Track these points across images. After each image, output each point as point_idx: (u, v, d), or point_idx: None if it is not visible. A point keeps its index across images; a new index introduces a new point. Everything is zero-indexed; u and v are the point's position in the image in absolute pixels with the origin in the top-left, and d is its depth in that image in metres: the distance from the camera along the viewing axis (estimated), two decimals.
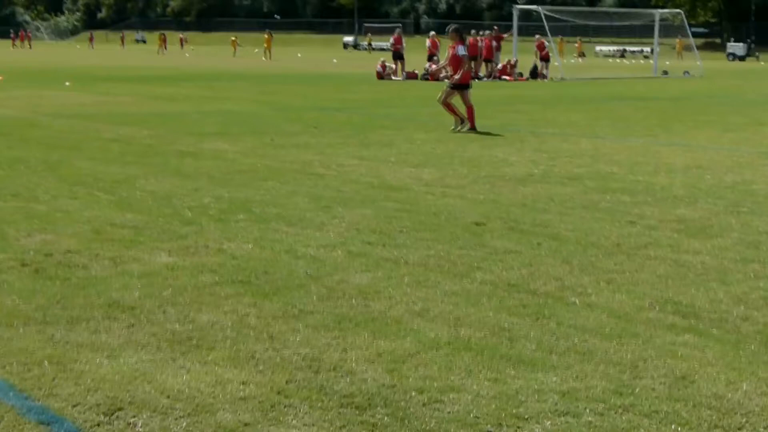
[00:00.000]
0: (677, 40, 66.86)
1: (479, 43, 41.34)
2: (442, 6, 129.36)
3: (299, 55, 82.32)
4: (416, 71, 40.51)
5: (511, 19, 46.45)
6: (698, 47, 59.17)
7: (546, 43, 42.70)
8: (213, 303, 6.43)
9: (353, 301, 6.52)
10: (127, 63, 47.90)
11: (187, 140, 15.97)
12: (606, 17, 72.41)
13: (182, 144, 15.43)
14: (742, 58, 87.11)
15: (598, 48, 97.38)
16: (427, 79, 39.52)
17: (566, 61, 59.27)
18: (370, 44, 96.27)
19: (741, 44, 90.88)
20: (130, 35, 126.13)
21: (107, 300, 6.45)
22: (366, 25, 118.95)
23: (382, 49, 79.25)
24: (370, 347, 5.56)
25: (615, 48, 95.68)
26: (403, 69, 41.47)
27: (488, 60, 41.68)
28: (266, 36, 72.96)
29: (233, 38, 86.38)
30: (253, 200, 10.35)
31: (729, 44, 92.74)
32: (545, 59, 43.17)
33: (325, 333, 5.81)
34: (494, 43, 41.76)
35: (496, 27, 45.62)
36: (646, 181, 12.22)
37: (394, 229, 8.89)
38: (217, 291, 6.73)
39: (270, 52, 69.84)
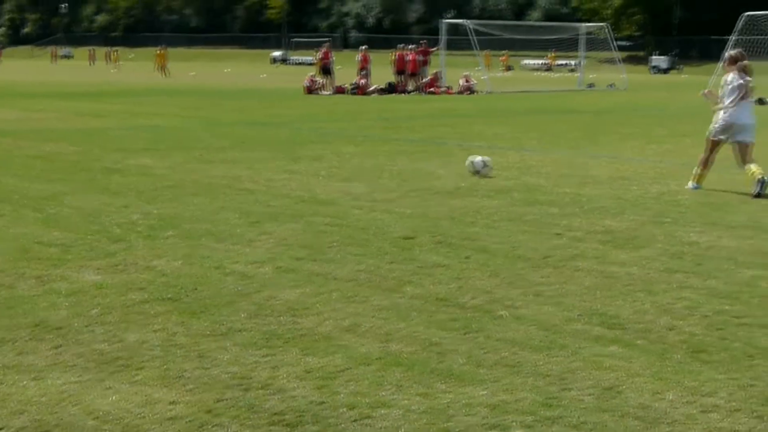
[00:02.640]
0: (503, 54, 67.15)
1: (406, 57, 41.63)
2: (371, 20, 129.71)
3: (227, 70, 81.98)
4: (345, 85, 40.53)
5: (439, 33, 46.75)
6: (622, 60, 60.09)
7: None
8: (141, 321, 6.37)
9: (282, 318, 6.51)
10: (52, 79, 47.28)
11: (113, 156, 15.81)
12: (532, 31, 73.30)
13: (109, 160, 15.27)
14: (665, 71, 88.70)
15: (524, 61, 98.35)
16: (355, 94, 39.63)
17: (493, 74, 59.71)
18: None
19: (665, 57, 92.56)
20: (56, 51, 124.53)
21: (34, 320, 6.36)
22: (294, 39, 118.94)
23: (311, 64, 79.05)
24: (299, 364, 5.55)
25: (541, 61, 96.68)
26: (332, 83, 41.47)
27: (414, 74, 41.95)
28: (159, 51, 66.74)
29: (162, 52, 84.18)
30: (182, 216, 10.28)
31: (653, 57, 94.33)
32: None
33: (254, 351, 5.78)
34: (420, 57, 42.00)
35: (423, 41, 45.81)
36: (573, 192, 12.36)
37: (324, 244, 8.89)
38: (146, 309, 6.67)
39: (165, 68, 64.37)
